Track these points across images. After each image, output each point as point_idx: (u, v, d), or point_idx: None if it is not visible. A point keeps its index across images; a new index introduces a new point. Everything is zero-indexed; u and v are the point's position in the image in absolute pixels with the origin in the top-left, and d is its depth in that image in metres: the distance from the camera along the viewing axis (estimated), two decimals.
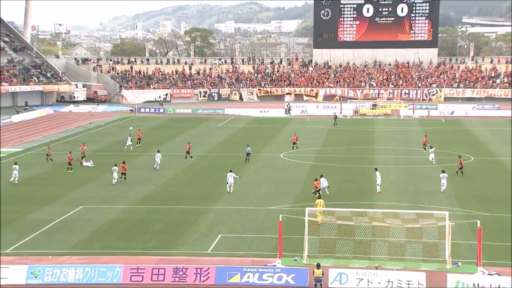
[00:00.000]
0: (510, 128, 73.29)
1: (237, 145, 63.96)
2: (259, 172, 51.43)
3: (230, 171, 44.25)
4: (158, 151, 53.10)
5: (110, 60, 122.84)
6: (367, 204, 39.16)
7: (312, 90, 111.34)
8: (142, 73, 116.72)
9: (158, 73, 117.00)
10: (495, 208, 39.44)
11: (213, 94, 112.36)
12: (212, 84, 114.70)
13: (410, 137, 71.16)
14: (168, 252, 31.73)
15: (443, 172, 44.23)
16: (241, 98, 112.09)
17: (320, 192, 40.59)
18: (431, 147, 56.47)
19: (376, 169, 44.23)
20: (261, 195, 43.25)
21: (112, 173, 46.27)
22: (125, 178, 46.83)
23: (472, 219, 33.93)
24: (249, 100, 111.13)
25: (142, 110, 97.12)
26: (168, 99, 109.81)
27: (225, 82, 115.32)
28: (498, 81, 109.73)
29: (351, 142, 67.03)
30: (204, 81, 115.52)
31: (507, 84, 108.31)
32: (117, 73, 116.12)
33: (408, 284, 26.87)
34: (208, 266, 28.24)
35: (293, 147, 61.11)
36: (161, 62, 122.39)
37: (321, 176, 42.67)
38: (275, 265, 28.74)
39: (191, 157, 56.03)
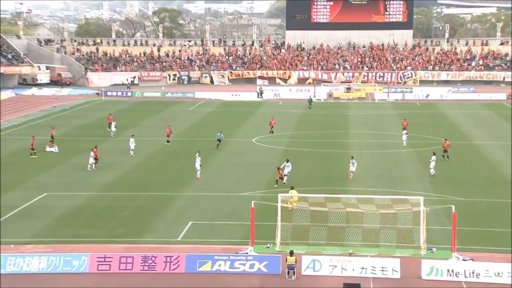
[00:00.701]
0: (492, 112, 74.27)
1: (208, 130, 63.78)
2: (230, 157, 51.39)
3: (198, 153, 44.11)
4: (132, 136, 52.61)
5: (75, 41, 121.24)
6: (341, 189, 39.37)
7: (285, 73, 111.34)
8: (108, 55, 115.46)
9: (126, 55, 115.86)
10: (469, 193, 40.01)
11: (182, 77, 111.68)
12: (182, 66, 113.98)
13: (385, 121, 71.73)
14: (136, 240, 31.57)
15: (434, 154, 44.88)
16: (211, 81, 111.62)
17: (284, 179, 40.86)
18: (404, 129, 57.28)
19: (352, 157, 44.22)
20: (232, 181, 43.24)
21: (89, 158, 46.00)
22: (96, 163, 46.38)
23: (446, 204, 34.39)
24: (220, 83, 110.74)
25: (109, 93, 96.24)
26: (136, 82, 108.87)
27: (195, 64, 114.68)
28: (473, 63, 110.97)
29: (325, 126, 67.32)
30: (173, 63, 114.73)
31: (482, 67, 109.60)
32: (82, 55, 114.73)
33: (382, 270, 27.17)
34: (178, 254, 28.18)
35: (271, 132, 61.19)
36: (128, 44, 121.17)
37: (287, 161, 42.74)
38: (247, 253, 28.79)
39: (168, 142, 55.84)
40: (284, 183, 40.95)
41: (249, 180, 43.39)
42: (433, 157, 44.50)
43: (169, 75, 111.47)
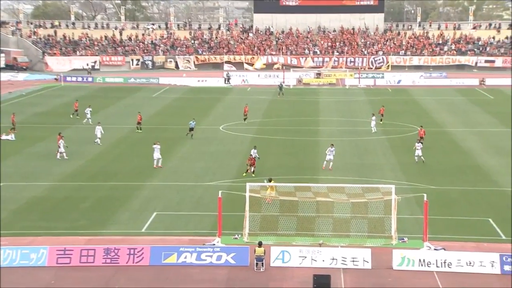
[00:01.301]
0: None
1: (173, 117, 63.52)
2: (197, 145, 51.27)
3: (155, 144, 43.86)
4: (99, 123, 52.00)
5: (31, 24, 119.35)
6: (311, 178, 39.63)
7: (253, 58, 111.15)
8: (67, 38, 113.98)
9: (86, 38, 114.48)
10: (441, 181, 40.59)
11: (146, 62, 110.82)
12: (145, 51, 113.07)
13: (356, 107, 72.22)
14: (99, 231, 31.40)
15: (418, 141, 45.64)
16: (177, 67, 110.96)
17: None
18: (373, 115, 57.46)
19: (332, 145, 43.86)
20: (199, 170, 43.17)
21: (59, 147, 45.58)
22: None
23: (418, 192, 34.84)
24: (185, 69, 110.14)
25: (68, 78, 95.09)
26: (96, 67, 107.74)
27: (159, 49, 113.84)
28: (445, 48, 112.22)
29: (294, 113, 67.52)
30: (137, 47, 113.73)
31: (454, 51, 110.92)
32: (40, 38, 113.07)
33: (353, 261, 27.45)
34: (142, 246, 28.09)
35: (245, 119, 61.06)
36: (89, 27, 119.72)
37: (255, 147, 42.81)
38: (214, 244, 28.83)
39: (140, 129, 55.51)
40: (253, 175, 40.84)
41: (216, 169, 43.37)
42: (417, 144, 45.09)
43: (132, 60, 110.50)
